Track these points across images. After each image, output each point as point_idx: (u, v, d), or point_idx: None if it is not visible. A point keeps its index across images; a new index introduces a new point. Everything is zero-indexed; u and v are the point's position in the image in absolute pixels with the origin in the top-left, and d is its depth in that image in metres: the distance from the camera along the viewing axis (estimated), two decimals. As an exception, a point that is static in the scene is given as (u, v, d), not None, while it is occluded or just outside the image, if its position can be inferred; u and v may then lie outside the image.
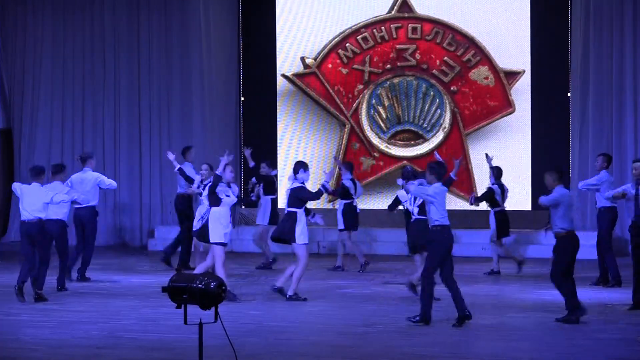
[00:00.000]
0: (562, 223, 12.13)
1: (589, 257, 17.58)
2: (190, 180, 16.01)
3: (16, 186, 13.91)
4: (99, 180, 15.76)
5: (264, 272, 16.70)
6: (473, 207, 19.59)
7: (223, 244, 13.47)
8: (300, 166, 13.79)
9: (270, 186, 17.14)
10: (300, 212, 13.49)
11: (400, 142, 20.66)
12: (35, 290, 13.56)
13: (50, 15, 21.89)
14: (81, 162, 16.01)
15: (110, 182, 16.01)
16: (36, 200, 13.52)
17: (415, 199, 14.07)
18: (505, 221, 16.51)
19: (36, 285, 13.57)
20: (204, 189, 15.66)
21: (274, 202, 17.26)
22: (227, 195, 13.67)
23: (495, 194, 16.41)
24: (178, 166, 16.03)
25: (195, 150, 17.88)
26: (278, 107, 21.27)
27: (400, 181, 16.04)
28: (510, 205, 19.76)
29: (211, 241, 13.48)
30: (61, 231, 14.59)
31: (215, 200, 13.62)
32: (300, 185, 13.60)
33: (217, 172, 13.67)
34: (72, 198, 14.59)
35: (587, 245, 17.67)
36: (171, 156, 16.03)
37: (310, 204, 14.27)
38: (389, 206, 15.41)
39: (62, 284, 14.65)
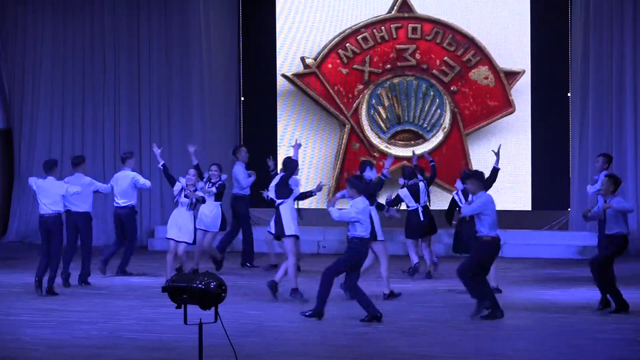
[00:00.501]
0: (489, 231, 12.18)
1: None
2: (172, 181, 15.53)
3: (32, 181, 14.25)
4: (135, 179, 16.11)
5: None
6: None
7: (296, 237, 13.56)
8: (367, 165, 13.97)
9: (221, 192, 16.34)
10: (372, 209, 13.51)
11: (400, 142, 20.65)
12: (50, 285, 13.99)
13: (50, 15, 21.88)
14: (121, 161, 16.46)
15: (145, 182, 16.29)
16: (52, 194, 13.85)
17: (465, 198, 14.11)
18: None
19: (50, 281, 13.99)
20: (215, 188, 15.54)
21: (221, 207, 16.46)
22: (294, 188, 13.71)
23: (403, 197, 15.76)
24: (162, 162, 15.86)
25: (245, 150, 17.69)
26: (278, 107, 21.26)
27: (401, 180, 16.08)
28: (509, 205, 19.80)
29: (286, 234, 13.47)
30: (86, 223, 15.01)
31: (286, 192, 13.58)
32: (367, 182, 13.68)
33: (293, 158, 13.62)
34: (96, 188, 15.20)
35: (591, 247, 17.72)
36: (157, 150, 15.97)
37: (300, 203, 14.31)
38: (388, 203, 15.07)
39: (84, 279, 15.10)
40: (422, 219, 15.64)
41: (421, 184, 15.73)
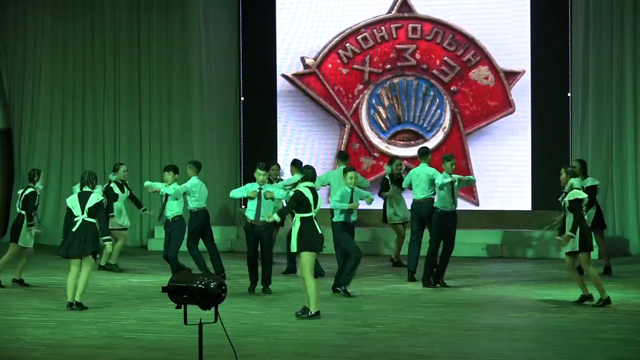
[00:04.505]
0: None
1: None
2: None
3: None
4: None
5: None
6: (473, 207, 19.65)
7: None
8: None
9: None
10: None
11: (400, 142, 20.66)
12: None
13: (50, 16, 21.89)
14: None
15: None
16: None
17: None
18: None
19: None
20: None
21: None
22: None
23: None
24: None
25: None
26: (278, 107, 21.26)
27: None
28: (509, 205, 19.81)
29: None
30: None
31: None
32: None
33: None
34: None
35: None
36: None
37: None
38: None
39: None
40: None
41: None
